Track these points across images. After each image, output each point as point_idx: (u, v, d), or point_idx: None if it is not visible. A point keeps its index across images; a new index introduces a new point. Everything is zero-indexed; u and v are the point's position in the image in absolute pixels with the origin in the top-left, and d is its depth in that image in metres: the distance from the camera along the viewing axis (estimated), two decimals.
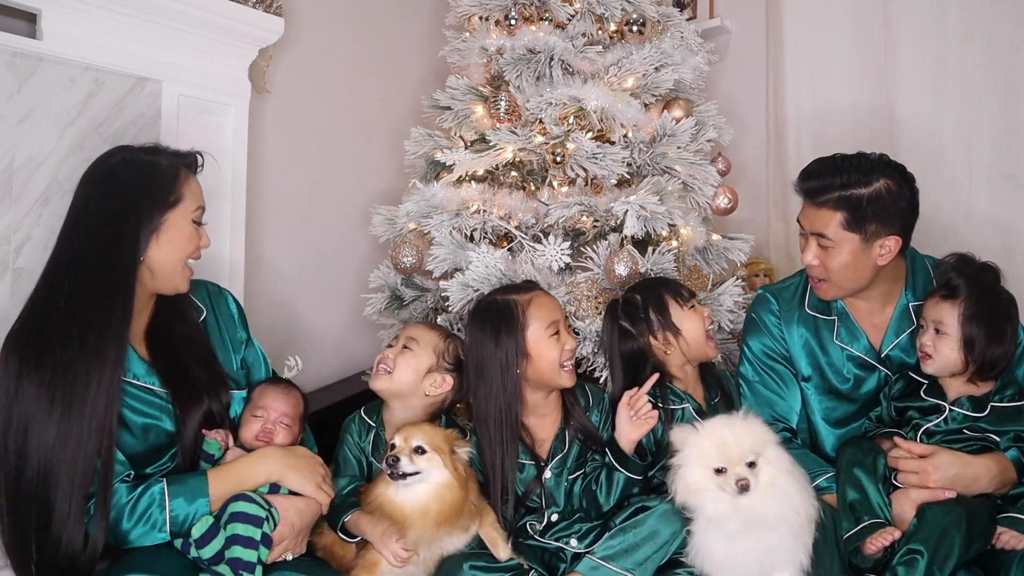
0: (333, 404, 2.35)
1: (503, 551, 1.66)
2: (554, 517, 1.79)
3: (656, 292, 1.94)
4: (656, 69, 2.25)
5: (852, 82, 2.79)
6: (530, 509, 1.81)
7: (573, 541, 1.74)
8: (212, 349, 1.72)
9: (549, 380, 1.81)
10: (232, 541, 1.46)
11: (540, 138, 2.18)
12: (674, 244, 2.17)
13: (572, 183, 2.24)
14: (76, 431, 1.40)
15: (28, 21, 1.94)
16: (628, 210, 2.03)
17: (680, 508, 1.61)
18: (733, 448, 1.55)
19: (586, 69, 2.26)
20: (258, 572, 1.47)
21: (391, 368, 1.84)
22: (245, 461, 1.58)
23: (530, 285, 1.93)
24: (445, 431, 1.74)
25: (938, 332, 1.73)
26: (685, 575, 1.62)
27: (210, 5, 2.19)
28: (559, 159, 2.12)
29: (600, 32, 2.36)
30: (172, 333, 1.66)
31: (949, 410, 1.73)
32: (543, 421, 1.86)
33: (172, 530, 1.46)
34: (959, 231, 2.49)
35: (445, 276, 2.18)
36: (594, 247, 2.14)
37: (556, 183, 2.25)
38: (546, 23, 2.29)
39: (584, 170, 2.17)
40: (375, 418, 1.89)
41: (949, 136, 2.56)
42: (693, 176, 2.22)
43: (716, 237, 2.37)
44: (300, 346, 2.64)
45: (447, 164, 2.24)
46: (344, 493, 1.77)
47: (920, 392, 1.78)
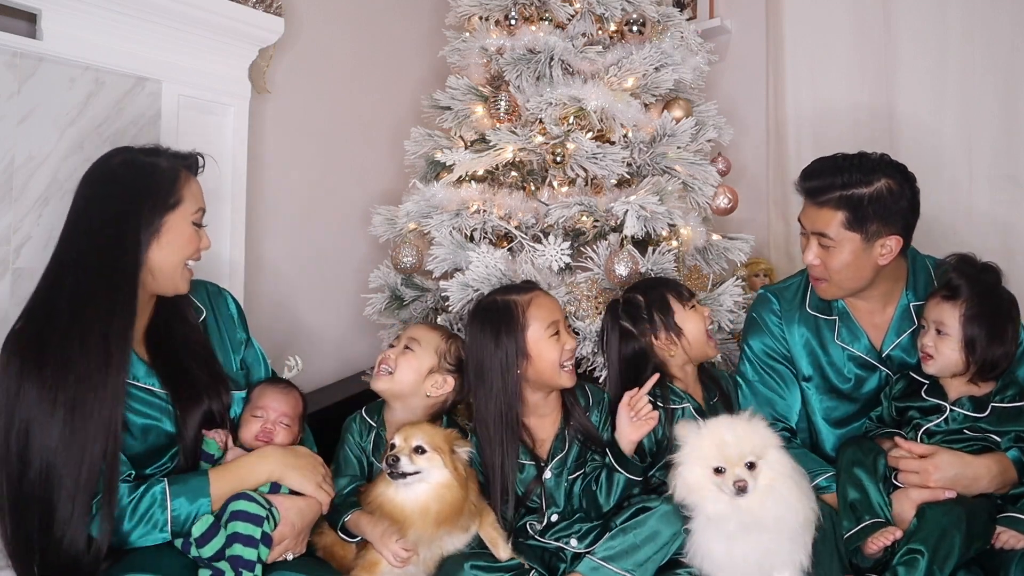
0: (333, 404, 2.36)
1: (503, 551, 1.66)
2: (554, 517, 1.79)
3: (658, 292, 1.94)
4: (656, 69, 2.25)
5: (852, 82, 2.79)
6: (530, 509, 1.81)
7: (573, 541, 1.74)
8: (212, 350, 1.72)
9: (549, 380, 1.81)
10: (232, 539, 1.46)
11: (540, 138, 2.18)
12: (674, 244, 2.17)
13: (572, 183, 2.24)
14: (80, 434, 1.40)
15: (28, 21, 1.93)
16: (628, 210, 2.03)
17: (679, 506, 1.62)
18: (733, 448, 1.55)
19: (586, 69, 2.26)
20: (258, 571, 1.47)
21: (392, 369, 1.84)
22: (246, 461, 1.58)
23: (530, 285, 1.93)
24: (445, 431, 1.74)
25: (939, 333, 1.73)
26: (685, 575, 1.63)
27: (210, 5, 2.19)
28: (559, 159, 2.12)
29: (600, 32, 2.36)
30: (172, 334, 1.66)
31: (950, 410, 1.73)
32: (543, 421, 1.86)
33: (173, 530, 1.46)
34: (959, 231, 2.49)
35: (445, 276, 2.18)
36: (594, 247, 2.14)
37: (556, 183, 2.25)
38: (546, 23, 2.29)
39: (584, 170, 2.17)
40: (376, 418, 1.89)
41: (949, 136, 2.56)
42: (693, 176, 2.22)
43: (716, 237, 2.37)
44: (300, 346, 2.63)
45: (447, 164, 2.24)
46: (344, 493, 1.77)
47: (921, 392, 1.79)
